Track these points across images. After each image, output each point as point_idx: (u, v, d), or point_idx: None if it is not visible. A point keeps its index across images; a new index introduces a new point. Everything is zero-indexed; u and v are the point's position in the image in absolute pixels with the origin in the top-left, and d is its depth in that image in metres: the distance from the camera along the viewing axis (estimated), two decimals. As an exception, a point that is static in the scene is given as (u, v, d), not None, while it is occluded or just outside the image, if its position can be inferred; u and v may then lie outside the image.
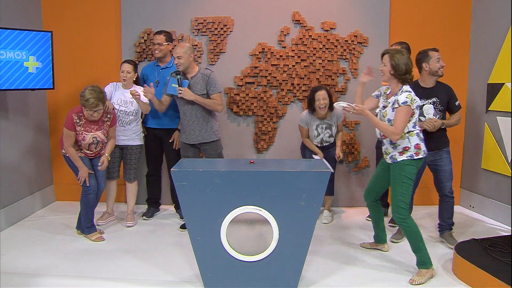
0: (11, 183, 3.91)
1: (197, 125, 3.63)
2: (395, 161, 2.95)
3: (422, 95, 3.35)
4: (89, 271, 3.01)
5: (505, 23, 3.95)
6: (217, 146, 3.74)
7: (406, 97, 2.82)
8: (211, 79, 3.61)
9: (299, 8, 4.37)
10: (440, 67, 3.35)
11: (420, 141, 2.94)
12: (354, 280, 2.91)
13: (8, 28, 3.54)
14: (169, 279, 2.91)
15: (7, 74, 3.54)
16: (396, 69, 2.85)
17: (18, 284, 2.80)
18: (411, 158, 2.90)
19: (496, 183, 4.09)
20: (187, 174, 2.60)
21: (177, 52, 3.51)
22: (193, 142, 3.67)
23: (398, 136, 2.84)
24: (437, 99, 3.39)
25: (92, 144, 3.46)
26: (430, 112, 3.40)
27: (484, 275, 2.66)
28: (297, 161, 3.03)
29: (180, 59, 3.50)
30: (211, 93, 3.61)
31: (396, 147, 2.94)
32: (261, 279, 2.71)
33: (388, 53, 2.91)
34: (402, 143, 2.91)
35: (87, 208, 3.51)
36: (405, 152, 2.91)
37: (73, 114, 3.36)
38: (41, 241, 3.52)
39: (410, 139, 2.91)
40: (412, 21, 4.44)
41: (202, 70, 3.66)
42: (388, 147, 3.00)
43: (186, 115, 3.64)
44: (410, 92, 2.87)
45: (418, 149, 2.92)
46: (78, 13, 4.44)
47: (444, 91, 3.42)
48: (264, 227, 2.65)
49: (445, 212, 3.57)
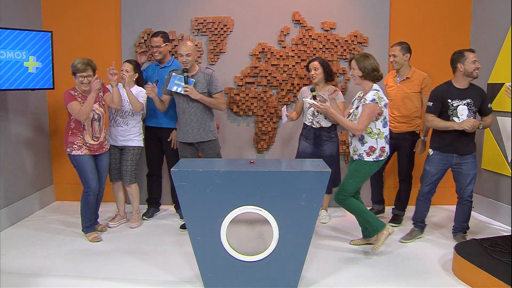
0: (11, 183, 3.91)
1: (195, 123, 3.62)
2: (361, 159, 3.17)
3: (456, 96, 3.37)
4: (89, 271, 3.01)
5: (505, 23, 3.95)
6: (215, 145, 3.73)
7: (374, 95, 3.04)
8: (214, 78, 3.61)
9: (299, 8, 4.37)
10: (475, 68, 3.31)
11: (386, 143, 3.17)
12: (354, 280, 2.91)
13: (8, 28, 3.54)
14: (169, 279, 2.91)
15: (7, 74, 3.54)
16: (364, 70, 3.09)
17: (18, 284, 2.80)
18: (375, 160, 3.14)
19: (496, 183, 4.09)
20: (187, 174, 2.60)
21: (185, 49, 3.48)
22: (191, 141, 3.66)
23: (361, 132, 3.08)
24: (471, 100, 3.34)
25: (95, 121, 3.46)
26: (464, 113, 3.35)
27: (484, 275, 2.66)
28: (297, 161, 3.03)
29: (189, 57, 3.49)
30: (213, 91, 3.61)
31: (364, 143, 3.14)
32: (261, 279, 2.71)
33: (354, 58, 3.16)
34: (370, 141, 3.12)
35: (87, 209, 3.52)
36: (371, 154, 3.13)
37: (69, 90, 3.42)
38: (41, 241, 3.52)
39: (378, 140, 3.12)
40: (412, 21, 4.44)
41: (203, 69, 3.66)
42: (357, 144, 3.19)
43: (185, 114, 3.62)
44: (378, 90, 3.08)
45: (382, 151, 3.15)
46: (78, 13, 4.44)
47: (478, 93, 3.39)
48: (264, 227, 2.65)
49: (462, 215, 3.55)
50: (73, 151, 3.43)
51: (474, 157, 3.44)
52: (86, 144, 3.45)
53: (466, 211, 3.53)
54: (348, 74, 4.32)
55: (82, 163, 3.44)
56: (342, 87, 4.42)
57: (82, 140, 3.44)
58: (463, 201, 3.51)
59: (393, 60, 3.83)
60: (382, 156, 3.15)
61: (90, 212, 3.54)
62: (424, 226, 3.69)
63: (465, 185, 3.44)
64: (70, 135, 3.45)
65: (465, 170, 3.42)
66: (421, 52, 4.40)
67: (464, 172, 3.42)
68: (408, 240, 3.58)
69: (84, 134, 3.44)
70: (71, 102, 3.37)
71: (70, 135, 3.45)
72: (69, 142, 3.45)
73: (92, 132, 3.47)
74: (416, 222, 3.66)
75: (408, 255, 3.31)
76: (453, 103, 3.37)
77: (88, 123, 3.45)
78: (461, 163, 3.42)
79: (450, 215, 4.27)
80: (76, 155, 3.43)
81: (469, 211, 3.54)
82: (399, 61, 3.80)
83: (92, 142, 3.48)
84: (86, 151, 3.45)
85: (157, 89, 3.64)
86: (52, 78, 3.86)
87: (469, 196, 3.48)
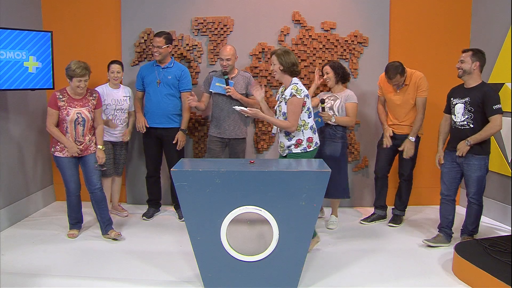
0: (11, 183, 3.91)
1: (232, 121, 3.92)
2: (291, 152, 3.21)
3: (458, 95, 3.37)
4: (89, 271, 3.01)
5: (505, 23, 3.95)
6: (244, 143, 4.07)
7: (291, 89, 3.11)
8: (252, 80, 3.99)
9: (299, 8, 4.37)
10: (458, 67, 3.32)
11: (313, 133, 3.23)
12: (354, 280, 2.91)
13: (8, 28, 3.54)
14: (169, 279, 2.91)
15: (7, 74, 3.54)
16: (284, 65, 3.14)
17: (18, 284, 2.80)
18: (305, 151, 3.19)
19: (496, 183, 4.09)
20: (187, 174, 2.60)
21: (226, 54, 3.81)
22: (226, 137, 3.94)
23: (294, 128, 3.13)
24: (470, 99, 3.27)
25: (79, 125, 3.40)
26: (460, 112, 3.32)
27: (484, 275, 2.66)
28: (297, 161, 3.02)
29: (229, 61, 3.83)
30: (251, 93, 3.89)
31: (291, 138, 3.18)
32: (261, 279, 2.71)
33: (275, 53, 3.20)
34: (297, 135, 3.18)
35: (70, 208, 3.60)
36: (299, 146, 3.18)
37: (56, 92, 3.39)
38: (41, 241, 3.52)
39: (304, 132, 3.18)
40: (412, 21, 4.44)
41: (241, 72, 4.00)
42: (283, 140, 3.23)
43: (223, 112, 3.91)
44: (296, 83, 3.15)
45: (310, 142, 3.21)
46: (78, 13, 4.44)
47: (480, 92, 3.23)
48: (264, 227, 2.65)
49: (468, 217, 3.44)
50: (55, 152, 3.43)
51: (478, 159, 3.29)
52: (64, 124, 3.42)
53: (471, 213, 3.41)
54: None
55: (63, 165, 3.45)
56: (342, 87, 4.42)
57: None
58: (468, 202, 3.41)
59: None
60: (310, 146, 3.20)
61: (75, 211, 3.62)
62: (450, 233, 3.47)
63: (467, 186, 3.37)
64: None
65: (466, 171, 3.35)
66: (421, 52, 4.40)
67: (466, 173, 3.35)
68: (431, 242, 3.42)
69: (66, 137, 3.41)
70: (51, 109, 3.36)
71: None
72: (53, 143, 3.46)
73: (75, 136, 3.42)
74: (441, 228, 3.49)
75: (408, 255, 3.31)
76: (453, 101, 3.40)
77: (71, 126, 3.40)
78: (464, 163, 3.35)
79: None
80: (58, 156, 3.43)
81: (475, 214, 3.40)
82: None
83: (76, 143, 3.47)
84: (67, 153, 3.43)
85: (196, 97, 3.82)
86: (52, 78, 3.86)
87: (472, 198, 3.36)
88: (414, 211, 4.34)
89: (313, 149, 3.23)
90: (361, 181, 4.56)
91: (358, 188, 4.56)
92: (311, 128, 3.21)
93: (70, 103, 3.39)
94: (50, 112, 3.38)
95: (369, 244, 3.53)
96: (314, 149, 3.24)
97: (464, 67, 3.29)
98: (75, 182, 3.51)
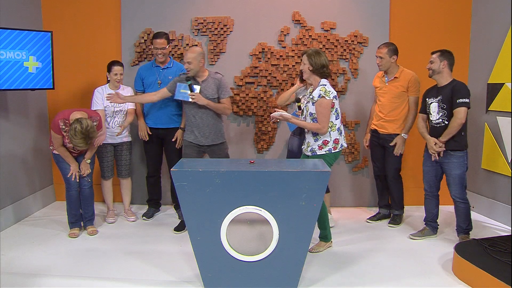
0: (11, 183, 3.91)
1: (207, 127, 3.67)
2: (314, 154, 3.20)
3: (432, 94, 3.46)
4: (89, 271, 3.01)
5: (505, 23, 3.95)
6: (224, 147, 3.82)
7: (320, 91, 3.11)
8: (223, 83, 3.67)
9: (299, 8, 4.37)
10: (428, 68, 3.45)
11: (339, 135, 3.22)
12: (354, 280, 2.91)
13: (8, 28, 3.54)
14: (169, 279, 2.92)
15: (7, 74, 3.54)
16: (314, 66, 3.15)
17: (18, 284, 2.80)
18: (329, 152, 3.18)
19: (496, 183, 4.09)
20: (187, 174, 2.60)
21: (187, 57, 3.51)
22: (202, 144, 3.70)
23: (325, 129, 3.13)
24: (442, 97, 3.36)
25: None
26: (435, 111, 3.40)
27: (484, 275, 2.66)
28: (297, 161, 3.03)
29: (190, 65, 3.51)
30: (222, 97, 3.67)
31: (318, 139, 3.18)
32: (261, 279, 2.71)
33: (306, 53, 3.21)
34: (323, 135, 3.17)
35: (70, 204, 3.63)
36: (324, 147, 3.17)
37: (60, 121, 3.35)
38: (41, 241, 3.52)
39: (331, 133, 3.17)
40: (412, 21, 4.44)
41: (212, 74, 3.69)
42: (310, 140, 3.24)
43: (196, 118, 3.66)
44: (324, 85, 3.14)
45: (336, 143, 3.20)
46: (78, 13, 4.44)
47: (450, 88, 3.34)
48: (264, 227, 2.65)
49: (457, 216, 3.51)
50: (54, 150, 3.51)
51: (456, 157, 3.35)
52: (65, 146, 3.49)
53: (460, 213, 3.47)
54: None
55: (62, 161, 3.53)
56: (342, 87, 4.42)
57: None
58: (454, 202, 3.48)
59: (379, 62, 3.79)
60: (336, 148, 3.20)
61: (74, 208, 3.64)
62: (435, 226, 3.66)
63: (449, 185, 3.43)
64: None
65: (446, 169, 3.40)
66: (421, 52, 4.39)
67: (446, 172, 3.41)
68: (418, 237, 3.60)
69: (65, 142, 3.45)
70: (56, 135, 3.38)
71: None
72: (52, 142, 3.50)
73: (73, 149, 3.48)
74: (427, 221, 3.67)
75: (408, 255, 3.31)
76: (428, 101, 3.48)
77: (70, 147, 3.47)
78: (443, 161, 3.39)
79: (451, 215, 4.27)
80: (57, 154, 3.52)
81: (464, 212, 3.46)
82: (385, 63, 3.77)
83: (72, 151, 3.53)
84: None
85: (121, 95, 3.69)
86: (52, 78, 3.86)
87: (455, 196, 3.42)
88: (414, 211, 4.34)
89: (338, 150, 3.22)
90: (361, 181, 4.56)
91: (358, 188, 4.56)
92: (338, 130, 3.21)
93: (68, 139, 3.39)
94: (55, 136, 3.40)
95: (369, 244, 3.53)
96: (339, 151, 3.23)
97: (433, 67, 3.43)
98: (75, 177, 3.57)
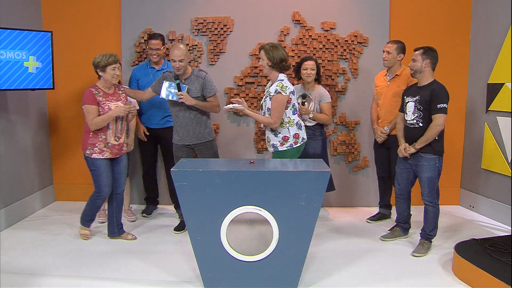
0: (11, 183, 3.91)
1: (190, 127, 3.55)
2: (276, 150, 3.21)
3: (411, 93, 3.34)
4: (89, 271, 3.01)
5: (505, 23, 3.95)
6: (211, 145, 3.66)
7: (277, 86, 3.08)
8: (207, 81, 3.51)
9: (299, 8, 4.37)
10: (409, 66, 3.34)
11: (299, 129, 3.22)
12: (354, 280, 2.91)
13: (8, 28, 3.54)
14: (169, 279, 2.92)
15: (7, 74, 3.53)
16: (272, 60, 3.11)
17: (18, 284, 2.80)
18: (291, 148, 3.19)
19: (496, 183, 4.09)
20: (187, 174, 2.60)
21: (178, 55, 3.35)
22: (187, 143, 3.60)
23: (276, 125, 3.13)
24: (420, 98, 3.23)
25: (119, 119, 3.36)
26: (410, 111, 3.29)
27: (484, 275, 2.66)
28: (297, 161, 3.02)
29: (181, 62, 3.38)
30: (207, 95, 3.53)
31: (277, 135, 3.18)
32: (261, 279, 2.71)
33: (263, 48, 3.16)
34: (282, 131, 3.18)
35: (92, 209, 3.50)
36: (285, 143, 3.18)
37: (90, 88, 3.28)
38: (41, 241, 3.52)
39: (289, 129, 3.17)
40: (412, 21, 4.44)
41: (196, 71, 3.54)
42: (269, 135, 3.24)
43: (179, 118, 3.55)
44: (281, 80, 3.11)
45: (296, 138, 3.20)
46: (78, 13, 4.44)
47: (429, 91, 3.18)
48: (264, 227, 2.65)
49: (424, 220, 3.35)
50: (93, 154, 3.31)
51: (427, 160, 3.21)
52: (108, 144, 3.34)
53: (428, 216, 3.31)
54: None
55: (100, 167, 3.33)
56: (342, 87, 4.42)
57: (104, 141, 3.32)
58: (424, 205, 3.32)
59: (385, 57, 3.72)
60: (297, 143, 3.19)
61: (93, 213, 3.55)
62: (406, 227, 3.61)
63: (421, 187, 3.29)
64: (91, 136, 3.31)
65: (417, 172, 3.31)
66: (421, 52, 4.40)
67: (418, 174, 3.30)
68: (388, 239, 3.58)
69: (107, 134, 3.33)
70: (89, 106, 3.23)
71: (91, 136, 3.31)
72: (89, 144, 3.31)
73: (115, 131, 3.36)
74: (398, 223, 3.63)
75: (408, 255, 3.31)
76: (406, 100, 3.37)
77: (113, 121, 3.34)
78: (414, 164, 3.31)
79: (450, 215, 4.28)
80: (96, 158, 3.31)
81: (432, 216, 3.29)
82: (392, 59, 3.71)
83: (113, 142, 3.36)
84: (108, 154, 3.34)
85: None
86: (52, 78, 3.86)
87: (425, 200, 3.27)
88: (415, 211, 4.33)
89: (300, 144, 3.22)
90: (361, 181, 4.56)
91: (358, 188, 4.56)
92: (297, 124, 3.21)
93: (107, 97, 3.32)
94: (89, 110, 3.22)
95: (369, 244, 3.53)
96: (301, 145, 3.23)
97: (415, 66, 3.24)
98: (109, 186, 3.40)
